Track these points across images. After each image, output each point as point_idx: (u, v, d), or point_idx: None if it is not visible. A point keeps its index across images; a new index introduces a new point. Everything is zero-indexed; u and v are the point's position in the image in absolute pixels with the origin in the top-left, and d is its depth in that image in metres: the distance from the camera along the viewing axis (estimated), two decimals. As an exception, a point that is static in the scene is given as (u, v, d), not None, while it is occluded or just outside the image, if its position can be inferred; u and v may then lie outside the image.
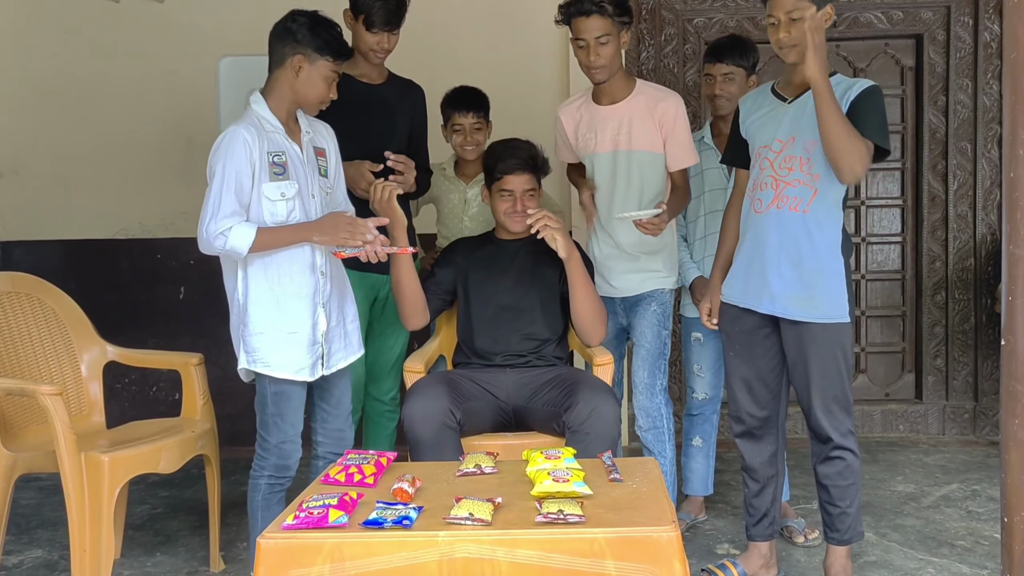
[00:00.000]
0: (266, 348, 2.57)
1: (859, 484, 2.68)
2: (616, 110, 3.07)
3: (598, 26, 2.92)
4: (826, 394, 2.61)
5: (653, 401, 3.12)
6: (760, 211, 2.64)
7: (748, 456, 2.80)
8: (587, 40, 2.93)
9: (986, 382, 4.67)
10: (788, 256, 2.59)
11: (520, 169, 2.96)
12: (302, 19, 2.59)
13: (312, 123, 2.72)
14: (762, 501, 2.81)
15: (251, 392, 4.51)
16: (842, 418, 2.63)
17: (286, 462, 2.63)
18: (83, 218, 4.63)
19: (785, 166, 2.60)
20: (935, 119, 4.67)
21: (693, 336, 3.34)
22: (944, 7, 4.60)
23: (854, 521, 2.68)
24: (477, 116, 3.39)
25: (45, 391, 2.63)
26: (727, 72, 3.24)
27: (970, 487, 3.85)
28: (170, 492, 3.93)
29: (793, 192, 2.58)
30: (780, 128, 2.63)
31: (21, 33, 4.63)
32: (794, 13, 2.51)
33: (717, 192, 3.27)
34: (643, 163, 3.06)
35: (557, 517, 1.87)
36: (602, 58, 2.95)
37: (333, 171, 2.76)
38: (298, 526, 1.90)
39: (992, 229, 4.63)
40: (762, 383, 2.73)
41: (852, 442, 2.65)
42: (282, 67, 2.59)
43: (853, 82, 2.58)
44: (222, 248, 2.48)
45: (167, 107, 4.60)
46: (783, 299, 2.60)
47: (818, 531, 3.22)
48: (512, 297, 3.00)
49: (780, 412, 2.78)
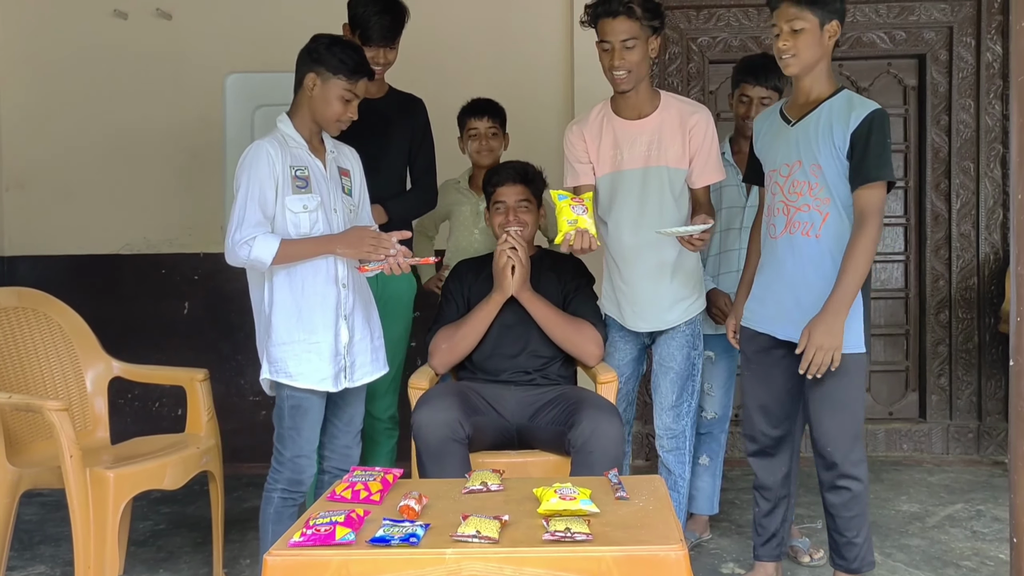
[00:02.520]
0: (289, 358, 2.59)
1: (866, 515, 2.63)
2: (646, 124, 2.91)
3: (625, 28, 2.76)
4: (836, 423, 2.56)
5: (680, 423, 3.02)
6: (775, 236, 2.62)
7: (761, 475, 2.77)
8: (612, 43, 2.78)
9: (990, 401, 4.66)
10: (804, 282, 2.55)
11: (511, 180, 3.00)
12: (323, 40, 2.66)
13: (338, 145, 2.80)
14: (772, 521, 2.78)
15: (254, 409, 4.51)
16: (851, 447, 2.57)
17: (299, 476, 2.64)
18: (88, 233, 4.65)
19: (794, 191, 2.57)
20: (938, 138, 4.69)
21: (705, 354, 3.33)
22: (946, 27, 4.62)
23: (862, 551, 2.62)
24: (492, 121, 3.42)
25: (51, 407, 2.63)
26: (764, 97, 3.17)
27: (975, 507, 3.84)
28: (173, 508, 3.93)
29: (804, 217, 2.55)
30: (787, 152, 2.60)
31: (29, 48, 4.66)
32: (795, 23, 2.50)
33: (734, 210, 3.25)
34: (675, 179, 2.91)
35: (564, 535, 1.87)
36: (627, 63, 2.78)
37: (358, 191, 2.82)
38: (305, 543, 1.89)
39: (995, 248, 4.64)
40: (778, 404, 2.70)
41: (860, 471, 2.58)
42: (302, 86, 2.67)
43: (854, 106, 2.51)
44: (246, 258, 2.52)
45: (173, 123, 4.62)
46: (799, 325, 2.52)
47: (823, 550, 3.21)
48: (516, 316, 2.99)
49: (795, 433, 2.75)
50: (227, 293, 4.55)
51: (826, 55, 2.56)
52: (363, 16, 3.09)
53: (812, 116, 2.55)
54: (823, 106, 2.55)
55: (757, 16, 4.62)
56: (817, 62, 2.55)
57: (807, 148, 2.54)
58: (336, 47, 2.63)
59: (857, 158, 2.46)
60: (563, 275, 3.09)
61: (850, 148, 2.47)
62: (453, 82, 4.35)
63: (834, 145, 2.50)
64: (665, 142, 2.89)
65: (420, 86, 3.47)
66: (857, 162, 2.47)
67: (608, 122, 2.96)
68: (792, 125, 2.61)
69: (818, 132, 2.53)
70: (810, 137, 2.54)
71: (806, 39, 2.50)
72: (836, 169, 2.51)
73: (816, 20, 2.49)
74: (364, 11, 3.10)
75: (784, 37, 2.52)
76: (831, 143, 2.50)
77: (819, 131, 2.52)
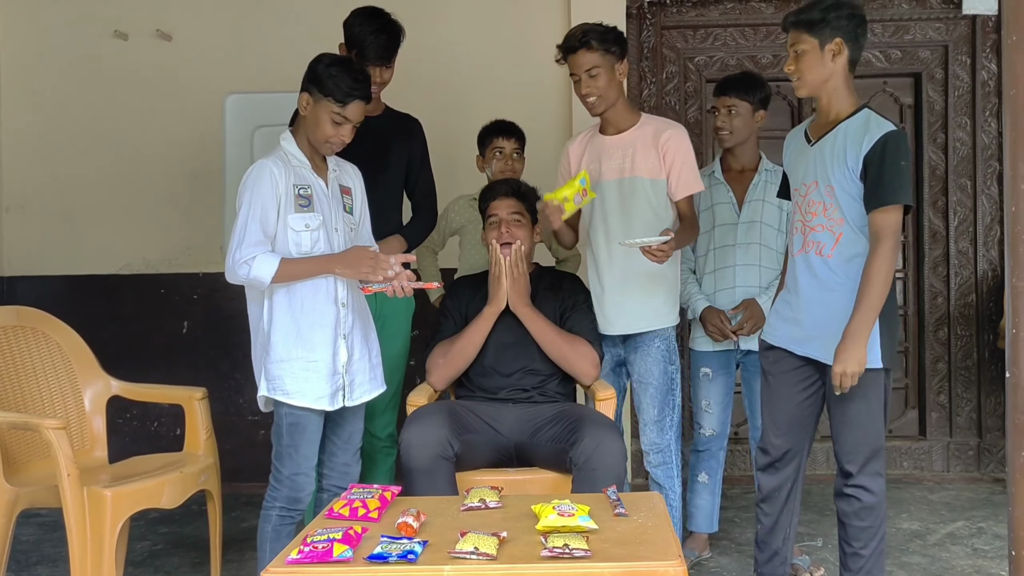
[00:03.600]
0: (286, 376, 2.60)
1: (880, 531, 2.59)
2: (621, 139, 3.09)
3: (586, 60, 2.97)
4: (854, 438, 2.57)
5: (664, 437, 3.09)
6: (794, 255, 2.66)
7: (766, 489, 2.76)
8: (578, 74, 3.00)
9: (990, 418, 4.66)
10: (818, 301, 2.57)
11: (503, 195, 3.06)
12: (324, 60, 2.67)
13: (340, 163, 2.82)
14: (774, 538, 2.77)
15: (253, 428, 4.50)
16: (868, 460, 2.57)
17: (298, 494, 2.63)
18: (87, 253, 4.66)
19: (809, 211, 2.59)
20: (935, 156, 4.71)
21: (702, 371, 3.33)
22: (942, 46, 4.66)
23: (868, 565, 2.59)
24: (518, 143, 3.47)
25: (49, 425, 2.63)
26: (731, 104, 3.26)
27: (976, 524, 3.82)
28: (170, 528, 3.91)
29: (817, 237, 2.57)
30: (806, 171, 2.62)
31: (29, 68, 4.68)
32: (797, 47, 2.55)
33: (727, 227, 3.29)
34: (648, 190, 3.05)
35: (563, 551, 1.86)
36: (594, 89, 2.99)
37: (359, 210, 2.84)
38: (303, 560, 1.88)
39: (993, 265, 4.65)
40: (792, 418, 2.69)
41: (875, 484, 2.57)
42: (300, 105, 2.68)
43: (869, 128, 2.49)
44: (246, 276, 2.54)
45: (173, 143, 4.64)
46: (815, 343, 2.57)
47: (823, 568, 3.20)
48: (515, 333, 3.00)
49: (804, 449, 2.75)
50: (226, 313, 4.55)
51: (836, 74, 2.54)
52: (360, 35, 3.10)
53: (829, 137, 2.56)
54: (840, 127, 2.55)
55: (753, 35, 4.66)
56: (825, 81, 2.55)
57: (822, 169, 2.56)
58: (334, 68, 2.62)
59: (871, 181, 2.46)
60: (561, 292, 3.10)
61: (863, 170, 2.47)
62: (451, 102, 4.38)
63: (847, 167, 2.50)
64: (639, 155, 3.06)
65: (418, 104, 3.49)
66: (871, 185, 2.46)
67: (592, 139, 3.18)
68: (812, 144, 2.62)
69: (833, 153, 2.53)
70: (825, 158, 2.55)
71: (807, 61, 2.54)
72: (849, 191, 2.51)
73: (815, 41, 2.52)
74: (360, 30, 3.12)
75: (790, 61, 2.58)
76: (844, 165, 2.50)
77: (835, 152, 2.53)
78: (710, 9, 4.65)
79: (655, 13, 4.63)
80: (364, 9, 3.16)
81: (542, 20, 4.52)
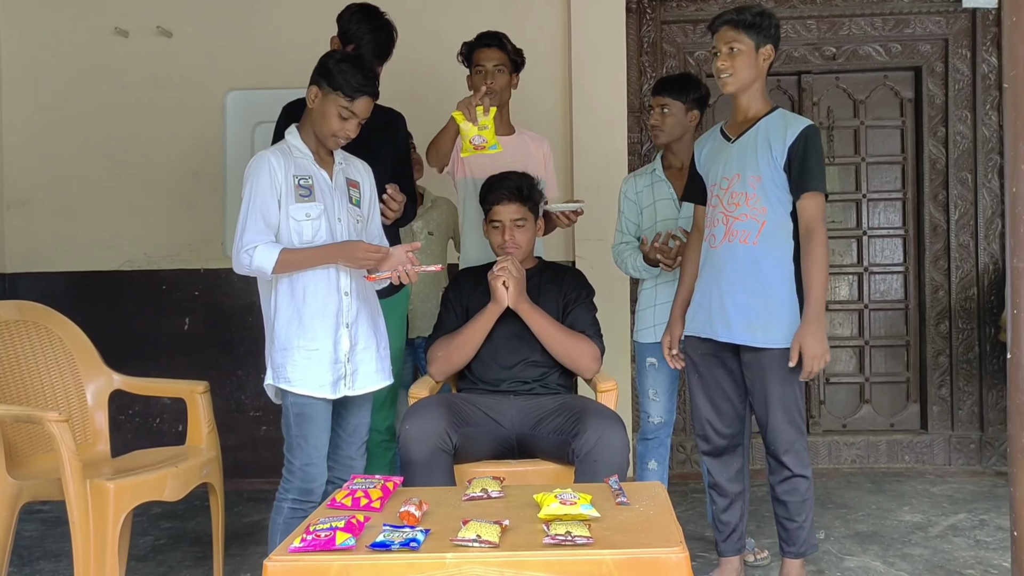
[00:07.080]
0: (288, 364, 2.62)
1: (811, 501, 2.81)
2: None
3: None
4: (782, 418, 2.73)
5: None
6: (715, 246, 2.80)
7: (716, 473, 2.91)
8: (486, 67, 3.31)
9: (992, 411, 4.66)
10: (742, 286, 2.73)
11: (507, 199, 3.02)
12: (335, 56, 2.70)
13: (348, 158, 2.83)
14: (731, 516, 2.92)
15: (255, 424, 4.49)
16: (795, 439, 2.75)
17: (310, 485, 2.64)
18: (89, 250, 4.66)
19: (733, 202, 2.76)
20: (935, 150, 4.71)
21: (648, 361, 3.37)
22: (942, 40, 4.66)
23: (808, 535, 2.82)
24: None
25: (52, 418, 2.62)
26: (663, 104, 3.30)
27: (978, 517, 3.83)
28: (173, 523, 3.91)
29: (742, 226, 2.73)
30: (727, 166, 2.79)
31: (30, 65, 4.69)
32: (733, 45, 2.72)
33: (668, 222, 3.33)
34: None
35: (565, 539, 1.87)
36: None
37: (367, 204, 2.84)
38: (305, 549, 1.89)
39: (994, 258, 4.65)
40: (727, 404, 2.87)
41: (803, 462, 2.76)
42: (308, 98, 2.70)
43: (789, 122, 2.72)
44: (248, 266, 2.56)
45: (174, 140, 4.65)
46: (739, 327, 2.73)
47: (767, 551, 3.30)
48: (515, 327, 3.00)
49: (745, 431, 2.91)
50: (228, 309, 4.56)
51: (761, 76, 2.77)
52: (357, 32, 3.09)
53: (751, 132, 2.76)
54: (760, 123, 2.76)
55: (753, 30, 4.66)
56: (753, 82, 2.76)
57: (746, 161, 2.74)
58: (345, 64, 2.64)
59: (796, 169, 2.68)
60: (563, 287, 3.10)
61: (787, 161, 2.69)
62: (451, 99, 4.37)
63: (772, 157, 2.70)
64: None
65: (417, 101, 3.50)
66: (797, 173, 2.68)
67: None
68: (732, 142, 2.80)
69: (756, 146, 2.73)
70: (748, 151, 2.74)
71: (742, 60, 2.72)
72: (774, 180, 2.71)
73: (752, 43, 2.71)
74: (358, 28, 3.11)
75: (722, 58, 2.74)
76: (769, 155, 2.71)
77: (758, 145, 2.73)
78: (709, 4, 4.65)
79: (655, 8, 4.64)
80: (359, 5, 3.15)
81: (541, 16, 4.53)
